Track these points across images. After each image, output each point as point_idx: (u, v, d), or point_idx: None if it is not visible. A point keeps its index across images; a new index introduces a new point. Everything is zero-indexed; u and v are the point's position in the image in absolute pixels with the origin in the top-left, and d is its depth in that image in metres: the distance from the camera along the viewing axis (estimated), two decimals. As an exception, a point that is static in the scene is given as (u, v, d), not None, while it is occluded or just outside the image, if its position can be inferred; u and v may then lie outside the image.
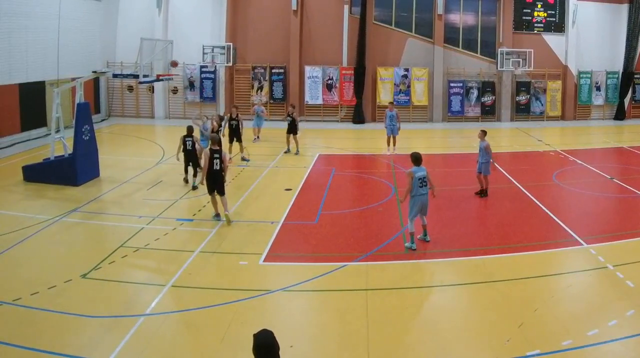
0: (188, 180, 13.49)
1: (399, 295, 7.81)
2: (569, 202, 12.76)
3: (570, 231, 10.28)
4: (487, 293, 7.75)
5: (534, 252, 9.23)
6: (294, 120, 17.79)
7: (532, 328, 6.63)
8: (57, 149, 14.47)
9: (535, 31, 26.61)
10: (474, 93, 26.23)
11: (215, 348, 6.28)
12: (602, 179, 14.70)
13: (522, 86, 26.50)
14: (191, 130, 13.38)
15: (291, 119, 17.74)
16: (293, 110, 18.34)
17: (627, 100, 27.10)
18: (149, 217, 11.09)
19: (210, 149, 10.75)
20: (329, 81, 25.81)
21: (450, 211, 11.65)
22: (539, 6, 26.51)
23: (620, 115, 26.99)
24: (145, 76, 14.82)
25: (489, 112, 26.43)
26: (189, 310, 7.19)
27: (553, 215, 11.25)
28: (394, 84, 25.91)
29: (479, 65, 26.39)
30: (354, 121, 25.66)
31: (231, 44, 24.92)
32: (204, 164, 10.70)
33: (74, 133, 13.75)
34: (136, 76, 14.78)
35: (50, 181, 13.36)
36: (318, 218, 11.21)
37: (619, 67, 26.84)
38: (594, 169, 15.77)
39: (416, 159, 9.47)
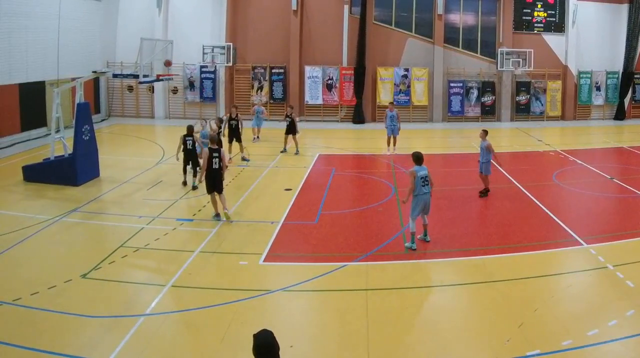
0: (187, 182, 13.46)
1: (399, 295, 7.80)
2: (569, 202, 12.76)
3: (570, 231, 10.28)
4: (487, 293, 7.75)
5: (534, 252, 9.23)
6: (293, 120, 17.85)
7: (532, 328, 6.63)
8: (57, 149, 14.48)
9: (535, 31, 26.62)
10: (474, 93, 26.23)
11: (215, 348, 6.28)
12: (602, 178, 14.70)
13: (522, 86, 26.51)
14: (191, 130, 13.40)
15: (290, 119, 17.79)
16: (292, 110, 18.39)
17: (627, 100, 27.10)
18: (149, 217, 11.10)
19: (209, 148, 10.78)
20: (329, 81, 25.81)
21: (450, 211, 11.65)
22: (539, 6, 26.51)
23: (620, 115, 26.99)
24: (145, 76, 14.84)
25: (489, 112, 26.43)
26: (189, 310, 7.19)
27: (553, 215, 11.25)
28: (394, 84, 25.92)
29: (479, 65, 26.39)
30: (354, 121, 25.66)
31: (231, 44, 24.94)
32: (203, 163, 10.72)
33: (74, 133, 13.76)
34: (136, 76, 14.80)
35: (50, 181, 13.37)
36: (318, 218, 11.21)
37: (619, 67, 26.84)
38: (594, 169, 15.77)
39: (417, 158, 9.48)
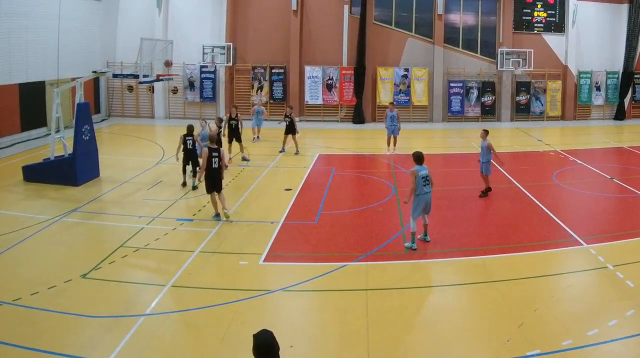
0: (186, 183, 13.43)
1: (399, 295, 7.80)
2: (569, 202, 12.75)
3: (570, 231, 10.28)
4: (487, 293, 7.75)
5: (534, 252, 9.23)
6: (293, 120, 17.88)
7: (532, 328, 6.63)
8: (57, 149, 14.48)
9: (535, 31, 26.61)
10: (474, 93, 26.22)
11: (215, 348, 6.28)
12: (602, 178, 14.70)
13: (522, 86, 26.50)
14: (191, 129, 13.39)
15: (289, 119, 17.82)
16: (291, 111, 18.41)
17: (627, 100, 27.09)
18: (149, 217, 11.10)
19: (208, 147, 10.78)
20: (329, 81, 25.80)
21: (450, 211, 11.65)
22: (539, 6, 26.51)
23: (620, 115, 26.99)
24: (145, 76, 14.84)
25: (489, 112, 26.42)
26: (189, 310, 7.19)
27: (553, 215, 11.25)
28: (394, 84, 25.91)
29: (479, 65, 26.39)
30: (354, 121, 25.66)
31: (231, 44, 24.94)
32: (203, 162, 10.73)
33: (74, 133, 13.76)
34: (136, 76, 14.79)
35: (50, 181, 13.37)
36: (318, 218, 11.21)
37: (619, 67, 26.84)
38: (594, 169, 15.76)
39: (418, 158, 9.48)
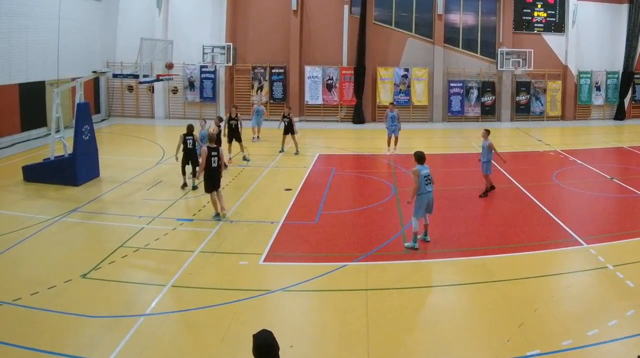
0: (187, 183, 13.40)
1: (399, 295, 7.80)
2: (569, 202, 12.75)
3: (570, 231, 10.28)
4: (487, 293, 7.75)
5: (534, 252, 9.23)
6: (291, 120, 17.91)
7: (532, 328, 6.63)
8: (57, 149, 14.48)
9: (535, 31, 26.61)
10: (474, 93, 26.22)
11: (215, 348, 6.28)
12: (602, 178, 14.70)
13: (522, 86, 26.50)
14: (191, 129, 13.37)
15: (288, 119, 17.85)
16: (289, 111, 18.43)
17: (627, 100, 27.09)
18: (149, 217, 11.10)
19: (208, 146, 10.79)
20: (329, 81, 25.80)
21: (450, 211, 11.64)
22: (539, 6, 26.50)
23: (620, 115, 26.98)
24: (145, 76, 14.82)
25: (489, 112, 26.42)
26: (189, 310, 7.20)
27: (553, 215, 11.25)
28: (394, 84, 25.91)
29: (479, 65, 26.39)
30: (354, 121, 25.66)
31: (231, 44, 24.94)
32: (202, 161, 10.74)
33: (74, 133, 13.76)
34: (136, 76, 14.78)
35: (50, 181, 13.36)
36: (318, 218, 11.21)
37: (619, 67, 26.84)
38: (594, 169, 15.76)
39: (419, 158, 9.49)
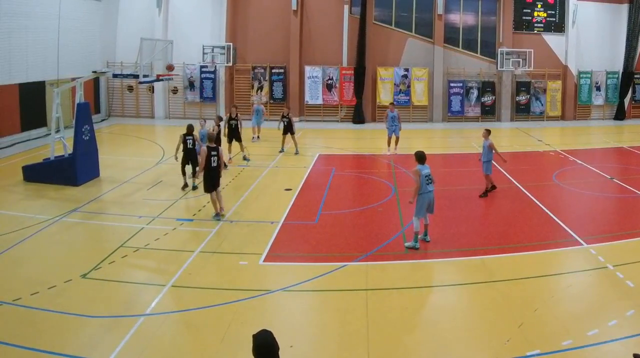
0: (188, 184, 13.39)
1: (399, 295, 7.80)
2: (569, 202, 12.75)
3: (570, 231, 10.28)
4: (487, 293, 7.75)
5: (534, 252, 9.23)
6: (290, 120, 17.94)
7: (532, 328, 6.63)
8: (57, 149, 14.48)
9: (535, 31, 26.60)
10: (474, 93, 26.22)
11: (215, 348, 6.28)
12: (602, 178, 14.69)
13: (522, 86, 26.50)
14: (191, 129, 13.36)
15: (288, 119, 17.88)
16: (288, 111, 18.46)
17: (627, 100, 27.08)
18: (149, 217, 11.10)
19: (207, 146, 10.80)
20: (329, 81, 25.80)
21: (450, 211, 11.64)
22: (539, 6, 26.50)
23: (620, 115, 26.98)
24: (145, 76, 14.82)
25: (489, 112, 26.42)
26: (189, 310, 7.20)
27: (553, 215, 11.25)
28: (394, 84, 25.90)
29: (479, 65, 26.38)
30: (354, 121, 25.66)
31: (231, 44, 24.94)
32: (201, 161, 10.74)
33: (74, 133, 13.76)
34: (136, 76, 14.77)
35: (50, 181, 13.36)
36: (318, 218, 11.21)
37: (619, 67, 26.83)
38: (594, 169, 15.76)
39: (420, 157, 9.50)
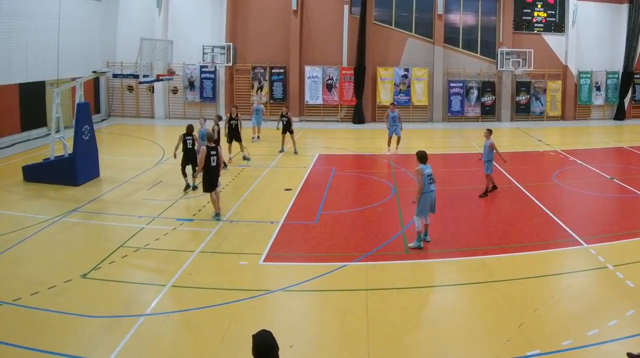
0: (189, 185, 13.32)
1: (399, 295, 7.80)
2: (569, 202, 12.75)
3: (570, 231, 10.28)
4: (487, 293, 7.75)
5: (534, 252, 9.23)
6: (290, 120, 17.98)
7: (532, 328, 6.63)
8: (57, 149, 14.47)
9: (535, 31, 26.60)
10: (474, 93, 26.22)
11: (215, 348, 6.28)
12: (602, 178, 14.69)
13: (522, 86, 26.49)
14: (191, 129, 13.35)
15: (287, 118, 17.91)
16: (287, 110, 18.50)
17: (627, 100, 27.08)
18: (149, 217, 11.10)
19: (206, 146, 10.81)
20: (329, 81, 25.80)
21: (450, 211, 11.64)
22: (539, 6, 26.50)
23: (620, 115, 26.98)
24: (145, 76, 14.81)
25: (489, 112, 26.42)
26: (189, 310, 7.20)
27: (553, 215, 11.25)
28: (394, 84, 25.90)
29: (479, 65, 26.38)
30: (354, 121, 25.66)
31: (231, 44, 24.94)
32: (200, 160, 10.75)
33: (74, 133, 13.76)
34: (136, 76, 14.77)
35: (50, 181, 13.36)
36: (318, 218, 11.20)
37: (619, 67, 26.83)
38: (594, 169, 15.76)
39: (422, 157, 9.49)
